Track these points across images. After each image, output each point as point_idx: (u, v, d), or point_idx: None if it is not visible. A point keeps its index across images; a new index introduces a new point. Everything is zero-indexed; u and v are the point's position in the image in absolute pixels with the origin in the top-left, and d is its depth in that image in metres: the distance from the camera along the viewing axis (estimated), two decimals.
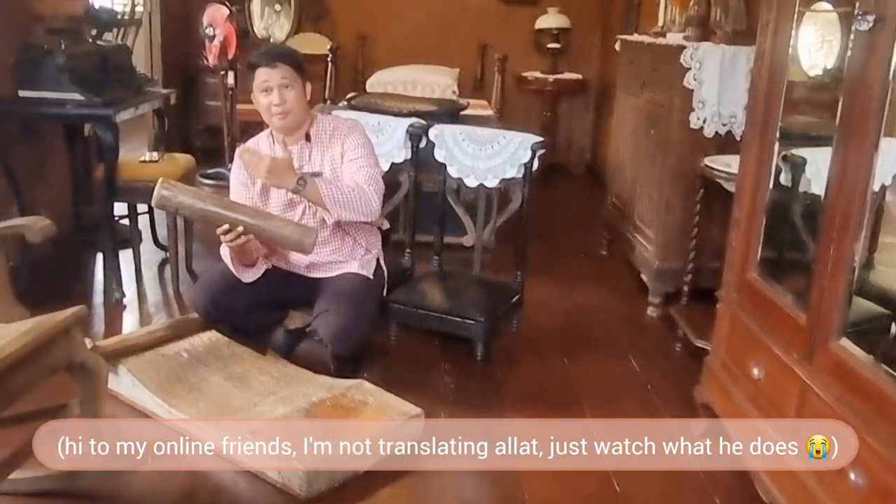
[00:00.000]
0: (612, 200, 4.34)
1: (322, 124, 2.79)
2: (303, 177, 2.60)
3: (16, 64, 3.34)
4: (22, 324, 1.97)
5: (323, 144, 2.76)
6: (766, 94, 2.27)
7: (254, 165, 2.60)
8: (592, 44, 6.76)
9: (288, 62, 2.69)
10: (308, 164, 2.75)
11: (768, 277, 2.31)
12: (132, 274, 3.77)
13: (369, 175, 2.72)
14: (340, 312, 2.66)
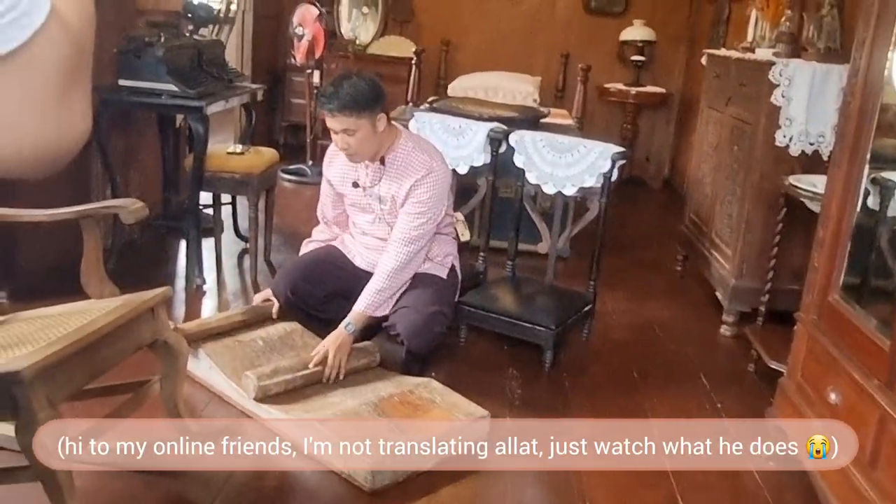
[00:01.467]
0: (690, 216, 4.28)
1: (399, 154, 2.78)
2: (349, 325, 2.69)
3: (118, 54, 3.49)
4: (112, 300, 2.06)
5: (394, 175, 2.79)
6: (858, 114, 2.22)
7: (331, 363, 2.65)
8: (677, 58, 6.68)
9: (347, 112, 2.64)
10: (378, 185, 2.81)
11: (851, 301, 2.26)
12: (213, 262, 3.89)
13: (416, 234, 2.77)
14: (419, 310, 2.71)
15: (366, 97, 2.64)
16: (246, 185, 3.66)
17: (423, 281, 2.83)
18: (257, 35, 6.14)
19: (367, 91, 2.65)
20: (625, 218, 5.67)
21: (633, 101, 6.51)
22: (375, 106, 2.66)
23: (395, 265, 2.76)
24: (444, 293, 2.87)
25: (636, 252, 4.88)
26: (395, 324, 2.76)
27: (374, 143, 2.72)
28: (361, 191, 2.85)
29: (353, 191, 2.88)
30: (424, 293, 2.78)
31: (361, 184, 2.85)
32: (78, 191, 3.53)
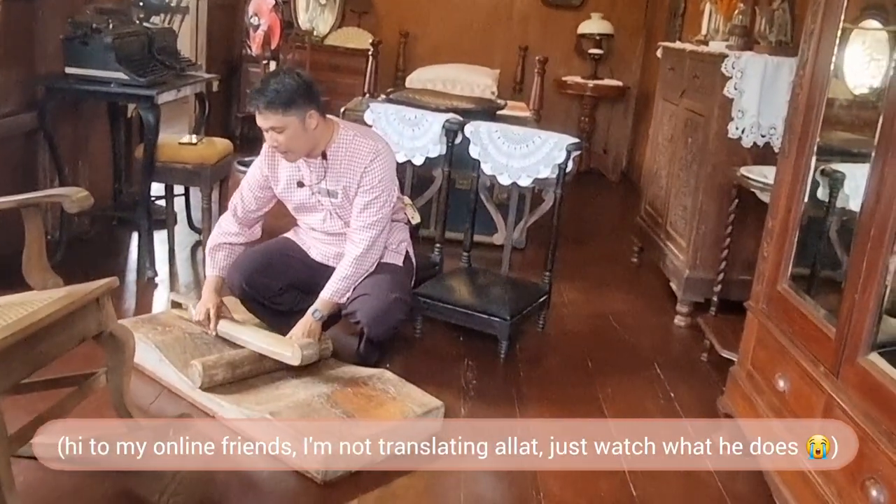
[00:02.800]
0: (646, 207, 4.31)
1: (341, 145, 2.73)
2: (316, 311, 2.69)
3: (64, 41, 3.41)
4: (55, 291, 2.01)
5: (339, 168, 2.75)
6: (805, 106, 2.25)
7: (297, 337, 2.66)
8: (634, 51, 6.73)
9: (273, 108, 2.56)
10: (324, 181, 2.77)
11: (799, 289, 2.29)
12: (166, 254, 3.83)
13: (375, 219, 2.75)
14: (379, 297, 2.70)
15: (293, 94, 2.57)
16: (199, 175, 3.61)
17: (380, 268, 2.81)
18: (212, 25, 6.04)
19: (295, 88, 2.57)
20: (582, 210, 5.70)
21: (590, 93, 6.54)
22: (304, 103, 2.59)
23: (359, 252, 2.73)
24: (402, 280, 2.86)
25: (593, 244, 4.92)
26: (355, 311, 2.74)
27: (306, 141, 2.66)
28: (308, 190, 2.80)
29: (298, 192, 2.82)
30: (383, 280, 2.76)
31: (307, 182, 2.79)
32: (25, 182, 3.44)
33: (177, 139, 3.73)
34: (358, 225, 2.76)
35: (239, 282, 2.83)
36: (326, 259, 2.90)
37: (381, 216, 2.77)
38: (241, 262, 2.88)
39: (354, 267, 2.75)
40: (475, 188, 3.43)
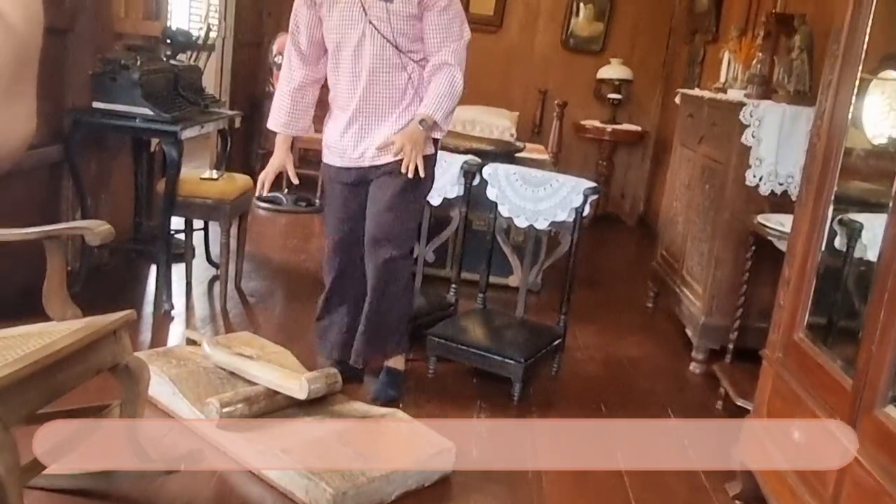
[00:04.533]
0: (662, 253, 4.31)
1: None
2: (424, 120, 2.65)
3: (93, 76, 3.48)
4: (73, 323, 2.03)
5: None
6: (823, 155, 2.25)
7: (408, 155, 2.62)
8: (653, 96, 6.77)
9: None
10: None
11: (816, 339, 2.27)
12: (183, 287, 3.86)
13: (455, 49, 2.71)
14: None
15: None
16: (218, 210, 3.64)
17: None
18: (237, 62, 6.15)
19: None
20: (599, 254, 5.71)
21: (609, 138, 6.58)
22: None
23: (452, 65, 2.69)
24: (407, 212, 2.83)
25: (609, 288, 4.91)
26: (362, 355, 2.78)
27: None
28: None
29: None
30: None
31: None
32: (48, 213, 3.49)
33: (198, 174, 3.78)
34: (443, 47, 2.69)
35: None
36: (363, 150, 2.77)
37: (465, 40, 2.73)
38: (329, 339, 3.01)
39: (449, 83, 2.68)
40: (492, 230, 3.45)
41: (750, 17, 4.54)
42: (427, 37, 2.72)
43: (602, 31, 6.76)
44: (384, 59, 2.69)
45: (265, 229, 5.30)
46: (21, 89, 0.55)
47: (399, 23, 2.66)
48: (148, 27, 4.29)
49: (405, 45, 2.69)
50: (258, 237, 4.91)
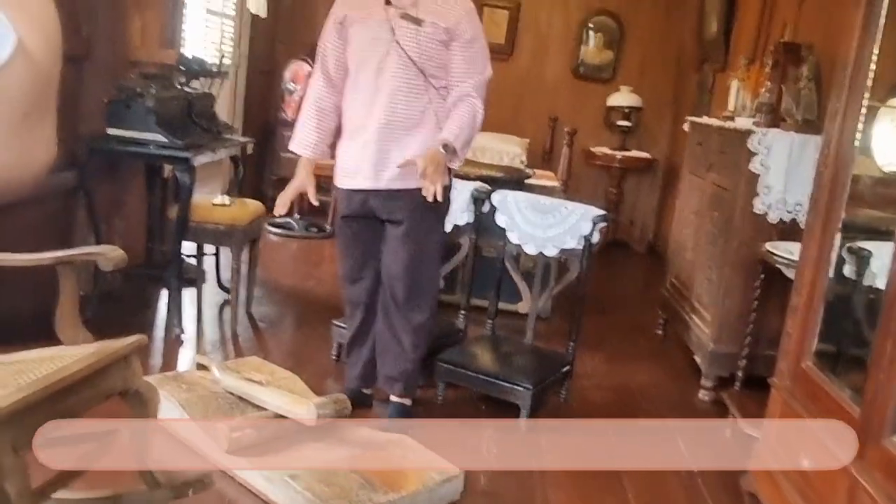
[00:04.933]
0: (672, 280, 4.31)
1: None
2: (446, 146, 2.65)
3: (109, 103, 3.54)
4: (85, 347, 2.05)
5: (431, 2, 2.70)
6: (830, 184, 2.27)
7: (431, 178, 2.61)
8: (663, 124, 6.80)
9: None
10: (413, 8, 2.69)
11: (824, 368, 2.27)
12: (194, 312, 3.89)
13: (478, 82, 2.75)
14: None
15: None
16: (230, 236, 3.68)
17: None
18: (250, 89, 6.22)
19: None
20: (608, 281, 5.70)
21: (618, 165, 6.60)
22: None
23: (474, 98, 2.73)
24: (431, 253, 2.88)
25: (618, 315, 4.90)
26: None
27: None
28: (390, 12, 2.67)
29: (373, 16, 2.70)
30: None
31: (395, 2, 2.69)
32: (62, 238, 3.53)
33: (210, 200, 3.81)
34: (467, 79, 2.73)
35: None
36: (379, 172, 2.76)
37: (483, 79, 2.77)
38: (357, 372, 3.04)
39: (471, 114, 2.72)
40: (501, 256, 3.46)
41: (759, 46, 4.57)
42: (452, 67, 2.75)
43: (612, 59, 6.81)
44: (406, 80, 2.71)
45: (276, 255, 5.33)
46: (41, 117, 0.58)
47: (427, 46, 2.69)
48: (163, 55, 4.36)
49: (429, 69, 2.72)
50: (269, 262, 4.94)
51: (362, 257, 2.91)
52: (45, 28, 0.59)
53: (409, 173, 2.70)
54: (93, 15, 3.62)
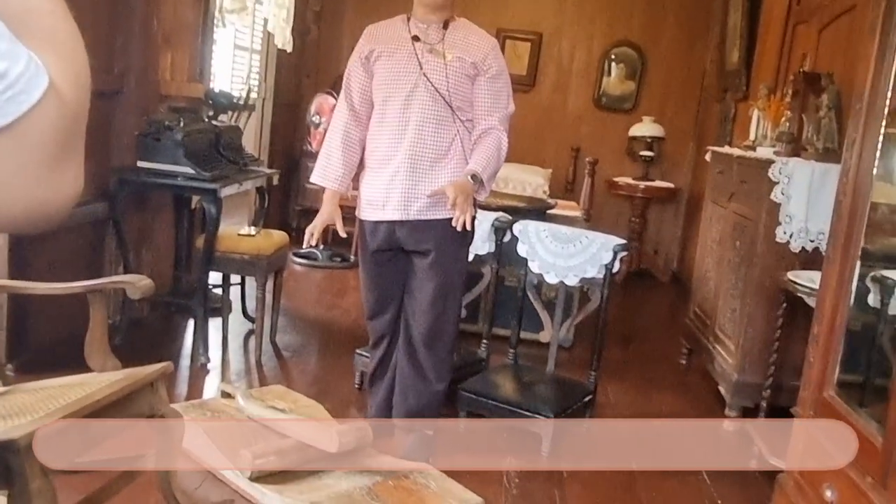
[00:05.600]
0: (695, 309, 4.30)
1: (462, 24, 2.84)
2: (475, 176, 2.72)
3: (139, 137, 3.63)
4: (113, 374, 2.10)
5: (456, 39, 2.78)
6: (849, 213, 2.27)
7: (461, 207, 2.65)
8: (685, 154, 6.82)
9: None
10: (440, 44, 2.76)
11: (846, 397, 2.26)
12: (219, 341, 3.94)
13: (503, 116, 2.82)
14: None
15: None
16: (255, 266, 3.73)
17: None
18: (276, 122, 6.34)
19: None
20: (632, 310, 5.70)
21: (641, 194, 6.61)
22: None
23: (499, 132, 2.80)
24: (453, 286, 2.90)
25: (641, 344, 4.89)
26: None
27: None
28: (418, 48, 2.75)
29: (403, 50, 2.77)
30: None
31: (422, 38, 2.77)
32: (92, 267, 3.61)
33: (236, 230, 3.88)
34: (492, 113, 2.79)
35: None
36: (408, 203, 2.81)
37: (507, 113, 2.83)
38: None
39: (497, 146, 2.77)
40: (523, 286, 3.48)
41: (779, 75, 4.59)
42: (477, 101, 2.81)
43: (634, 89, 6.85)
44: (434, 112, 2.77)
45: (300, 284, 5.39)
46: (71, 153, 0.61)
47: (454, 79, 2.76)
48: (192, 89, 4.47)
49: (456, 102, 2.77)
50: (293, 292, 4.99)
51: (387, 290, 2.95)
52: (76, 67, 0.63)
53: (437, 204, 2.76)
54: (126, 51, 3.74)
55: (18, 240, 3.10)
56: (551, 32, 6.86)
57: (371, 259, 2.94)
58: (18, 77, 0.55)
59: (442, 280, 2.83)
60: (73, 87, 0.60)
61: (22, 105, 0.55)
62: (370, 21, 2.99)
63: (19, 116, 0.55)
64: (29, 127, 0.56)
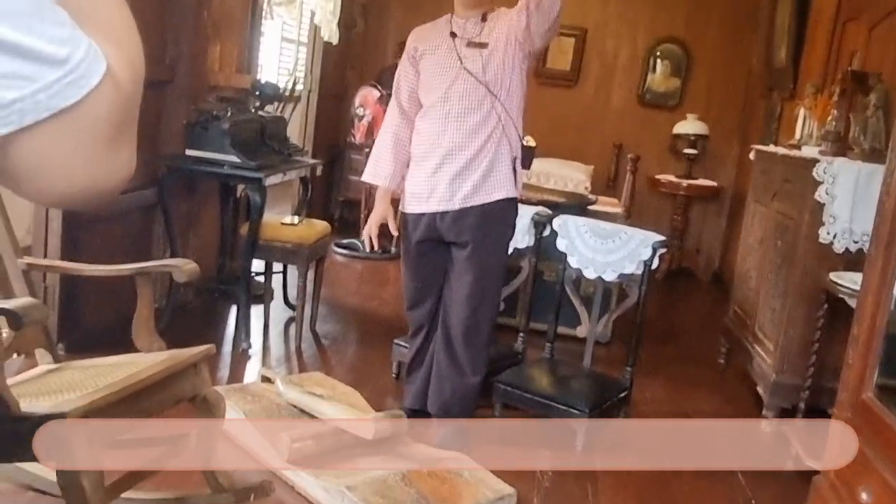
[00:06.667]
0: (735, 309, 4.27)
1: (501, 12, 2.89)
2: None
3: (187, 125, 3.71)
4: (158, 354, 2.16)
5: (493, 25, 2.85)
6: (893, 214, 2.25)
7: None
8: (730, 152, 6.74)
9: None
10: (478, 36, 2.84)
11: (885, 400, 2.24)
12: (261, 328, 4.01)
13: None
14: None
15: None
16: (297, 254, 3.80)
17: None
18: (321, 113, 6.41)
19: None
20: (671, 309, 5.67)
21: (684, 192, 6.56)
22: None
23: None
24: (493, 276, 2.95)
25: (680, 343, 4.86)
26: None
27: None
28: (457, 42, 2.84)
29: (443, 46, 2.86)
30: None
31: (460, 34, 2.86)
32: (140, 252, 3.70)
33: (279, 219, 3.95)
34: None
35: None
36: (452, 193, 2.85)
37: None
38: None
39: None
40: (561, 280, 3.49)
41: (827, 74, 4.52)
42: (531, 28, 2.74)
43: (678, 86, 6.79)
44: (475, 102, 2.82)
45: (341, 274, 5.46)
46: (125, 136, 0.65)
47: (493, 64, 2.81)
48: (239, 80, 4.55)
49: (495, 87, 2.83)
50: (334, 282, 5.06)
51: (427, 281, 3.00)
52: (131, 55, 0.66)
53: (479, 191, 2.83)
54: (177, 42, 3.82)
55: (71, 224, 3.20)
56: (595, 28, 6.83)
57: (413, 250, 3.00)
58: (80, 62, 0.58)
59: (479, 273, 2.87)
60: (128, 73, 0.64)
61: (82, 89, 0.59)
62: (415, 15, 3.05)
63: (79, 100, 0.59)
64: (88, 110, 0.60)
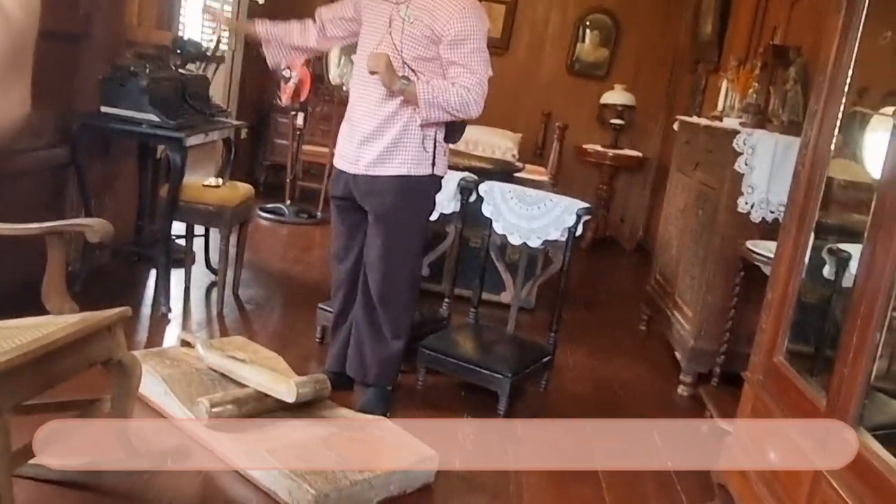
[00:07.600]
0: (656, 276, 4.36)
1: (444, 2, 2.75)
2: (405, 77, 2.72)
3: (103, 81, 3.56)
4: (70, 317, 2.08)
5: (435, 7, 2.73)
6: (806, 185, 2.31)
7: (374, 60, 2.68)
8: (655, 123, 6.85)
9: None
10: (404, 4, 2.75)
11: (795, 363, 2.32)
12: (181, 292, 3.92)
13: (476, 80, 2.75)
14: None
15: None
16: (219, 217, 3.71)
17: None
18: (246, 74, 6.24)
19: None
20: (595, 277, 5.76)
21: (610, 162, 6.65)
22: None
23: (454, 92, 2.72)
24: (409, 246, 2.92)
25: (603, 310, 4.95)
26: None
27: None
28: (393, 6, 2.76)
29: (380, 6, 2.80)
30: None
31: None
32: (52, 213, 3.55)
33: (202, 181, 3.85)
34: (460, 78, 2.74)
35: None
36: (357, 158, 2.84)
37: (481, 78, 2.77)
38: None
39: (455, 91, 2.71)
40: (486, 246, 3.50)
41: (751, 48, 4.62)
42: (448, 68, 2.77)
43: (607, 57, 6.86)
44: None
45: (266, 239, 5.36)
46: (16, 75, 0.60)
47: (410, 40, 2.74)
48: (159, 36, 4.38)
49: (410, 63, 2.76)
50: (259, 247, 4.97)
51: (348, 237, 2.99)
52: None
53: (385, 161, 2.80)
54: None
55: None
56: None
57: (334, 205, 3.02)
58: None
59: (388, 238, 2.85)
60: (19, 8, 0.59)
61: None
62: None
63: None
64: None
